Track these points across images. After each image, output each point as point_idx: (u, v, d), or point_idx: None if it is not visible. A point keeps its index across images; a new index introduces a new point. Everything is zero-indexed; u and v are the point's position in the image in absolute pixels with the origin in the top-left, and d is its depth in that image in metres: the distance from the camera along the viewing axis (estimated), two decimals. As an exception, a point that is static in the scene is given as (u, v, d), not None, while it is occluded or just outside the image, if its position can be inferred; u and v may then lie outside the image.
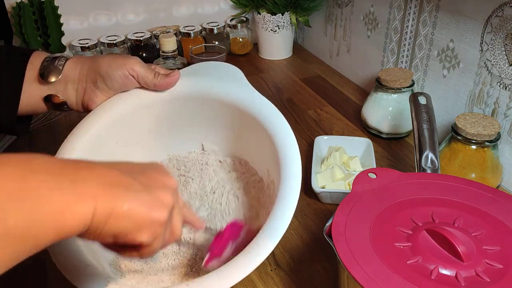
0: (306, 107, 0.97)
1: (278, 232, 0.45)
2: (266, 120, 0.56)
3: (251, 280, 0.57)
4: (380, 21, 0.96)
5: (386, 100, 0.83)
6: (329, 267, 0.59)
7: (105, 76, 0.57)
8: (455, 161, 0.66)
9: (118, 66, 0.57)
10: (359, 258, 0.40)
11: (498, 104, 0.72)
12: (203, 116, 0.63)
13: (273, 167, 0.54)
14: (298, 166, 0.51)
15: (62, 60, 0.57)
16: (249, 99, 0.58)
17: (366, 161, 0.75)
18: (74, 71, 0.57)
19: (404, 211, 0.46)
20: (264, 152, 0.57)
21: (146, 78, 0.58)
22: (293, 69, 1.16)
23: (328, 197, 0.69)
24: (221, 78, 0.61)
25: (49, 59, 0.56)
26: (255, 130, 0.57)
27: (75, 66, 0.57)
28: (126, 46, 1.10)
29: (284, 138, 0.54)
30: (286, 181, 0.50)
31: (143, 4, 1.14)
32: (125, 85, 0.58)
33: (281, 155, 0.52)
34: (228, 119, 0.62)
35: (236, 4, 1.22)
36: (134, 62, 0.57)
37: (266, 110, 0.57)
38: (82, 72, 0.57)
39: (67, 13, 1.06)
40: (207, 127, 0.65)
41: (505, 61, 0.69)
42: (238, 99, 0.59)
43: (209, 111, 0.62)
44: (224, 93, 0.60)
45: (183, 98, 0.61)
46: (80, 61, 0.58)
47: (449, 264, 0.39)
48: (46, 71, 0.56)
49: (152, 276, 0.54)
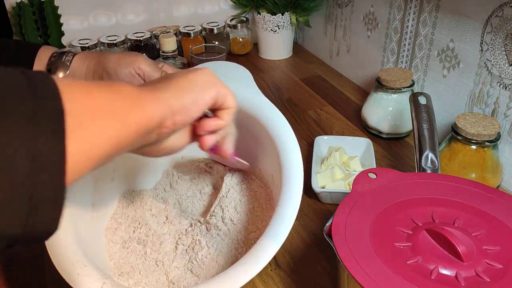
0: (306, 107, 0.97)
1: (280, 237, 0.45)
2: (269, 123, 0.56)
3: (251, 280, 0.57)
4: (380, 21, 0.96)
5: (386, 100, 0.83)
6: (329, 267, 0.59)
7: (112, 74, 0.56)
8: (455, 161, 0.66)
9: (126, 64, 0.56)
10: (359, 258, 0.40)
11: (498, 104, 0.72)
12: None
13: (275, 170, 0.54)
14: (300, 171, 0.51)
15: (70, 55, 0.56)
16: (255, 101, 0.58)
17: (366, 161, 0.75)
18: (81, 67, 0.57)
19: (404, 211, 0.46)
20: (265, 153, 0.57)
21: (153, 77, 0.57)
22: (293, 69, 1.16)
23: (328, 197, 0.69)
24: (229, 79, 0.61)
25: (57, 54, 0.56)
26: (257, 132, 0.57)
27: (83, 62, 0.57)
28: (126, 46, 1.10)
29: (286, 142, 0.54)
30: (288, 185, 0.50)
31: (143, 4, 1.14)
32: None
33: (283, 159, 0.52)
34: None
35: (236, 4, 1.22)
36: (141, 60, 0.57)
37: (269, 112, 0.57)
38: (89, 68, 0.57)
39: (67, 13, 1.06)
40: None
41: (505, 61, 0.69)
42: (244, 101, 0.59)
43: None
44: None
45: None
46: (88, 57, 0.57)
47: (449, 264, 0.39)
48: (53, 67, 0.56)
49: (150, 276, 0.54)
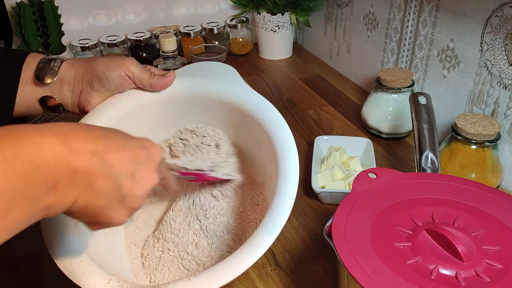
0: (306, 107, 0.97)
1: (277, 227, 0.46)
2: (264, 118, 0.56)
3: (251, 280, 0.57)
4: (380, 21, 0.96)
5: (386, 100, 0.83)
6: (329, 267, 0.59)
7: (102, 77, 0.56)
8: (455, 161, 0.66)
9: (115, 67, 0.57)
10: (359, 258, 0.40)
11: (498, 104, 0.72)
12: (201, 114, 0.63)
13: (271, 164, 0.54)
14: (295, 162, 0.51)
15: (58, 61, 0.57)
16: (245, 96, 0.59)
17: (366, 161, 0.75)
18: (69, 72, 0.57)
19: (404, 211, 0.46)
20: (260, 149, 0.57)
21: (142, 79, 0.58)
22: (293, 69, 1.16)
23: (328, 197, 0.69)
24: (217, 78, 0.61)
25: (45, 60, 0.56)
26: (252, 127, 0.57)
27: (71, 67, 0.57)
28: (126, 46, 1.10)
29: (281, 135, 0.54)
30: (284, 176, 0.50)
31: (143, 4, 1.14)
32: (121, 86, 0.58)
33: (278, 152, 0.52)
34: (224, 117, 0.62)
35: (236, 4, 1.22)
36: (130, 62, 0.57)
37: (263, 107, 0.57)
38: (77, 73, 0.57)
39: (67, 13, 1.06)
40: (204, 125, 0.65)
41: (505, 61, 0.69)
42: (235, 97, 0.59)
43: (205, 109, 0.62)
44: (220, 91, 0.60)
45: (180, 98, 0.61)
46: (76, 63, 0.57)
47: (449, 264, 0.39)
48: (41, 73, 0.55)
49: (155, 272, 0.54)
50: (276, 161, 0.52)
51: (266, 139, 0.55)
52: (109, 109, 0.58)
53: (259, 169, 0.61)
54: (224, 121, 0.62)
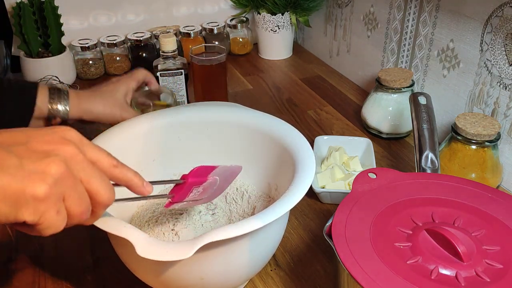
0: (306, 107, 0.97)
1: (306, 183, 0.48)
2: (282, 136, 0.59)
3: (251, 280, 0.57)
4: (380, 21, 0.96)
5: (386, 100, 0.83)
6: (329, 267, 0.59)
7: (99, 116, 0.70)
8: (455, 161, 0.66)
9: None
10: (359, 258, 0.40)
11: (498, 104, 0.72)
12: (216, 139, 0.64)
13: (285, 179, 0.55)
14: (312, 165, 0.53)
15: (65, 103, 0.67)
16: (259, 119, 0.61)
17: (366, 161, 0.75)
18: (75, 107, 0.68)
19: (404, 211, 0.46)
20: (281, 168, 0.58)
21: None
22: (293, 69, 1.16)
23: (328, 197, 0.69)
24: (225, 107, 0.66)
25: (53, 101, 0.66)
26: (268, 147, 0.60)
27: (77, 108, 0.68)
28: (126, 46, 1.10)
29: (301, 150, 0.57)
30: (302, 160, 0.54)
31: (143, 4, 1.14)
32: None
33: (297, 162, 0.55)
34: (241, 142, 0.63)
35: (236, 4, 1.22)
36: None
37: (279, 126, 0.60)
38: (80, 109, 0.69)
39: (67, 13, 1.06)
40: (218, 152, 0.65)
41: (505, 61, 0.69)
42: (249, 121, 0.62)
43: (217, 134, 0.64)
44: (233, 116, 0.63)
45: (193, 124, 0.63)
46: (81, 106, 0.69)
47: (449, 264, 0.39)
48: (52, 116, 0.65)
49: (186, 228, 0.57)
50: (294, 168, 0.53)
51: (288, 157, 0.57)
52: (113, 138, 0.60)
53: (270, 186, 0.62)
54: (240, 145, 0.63)
